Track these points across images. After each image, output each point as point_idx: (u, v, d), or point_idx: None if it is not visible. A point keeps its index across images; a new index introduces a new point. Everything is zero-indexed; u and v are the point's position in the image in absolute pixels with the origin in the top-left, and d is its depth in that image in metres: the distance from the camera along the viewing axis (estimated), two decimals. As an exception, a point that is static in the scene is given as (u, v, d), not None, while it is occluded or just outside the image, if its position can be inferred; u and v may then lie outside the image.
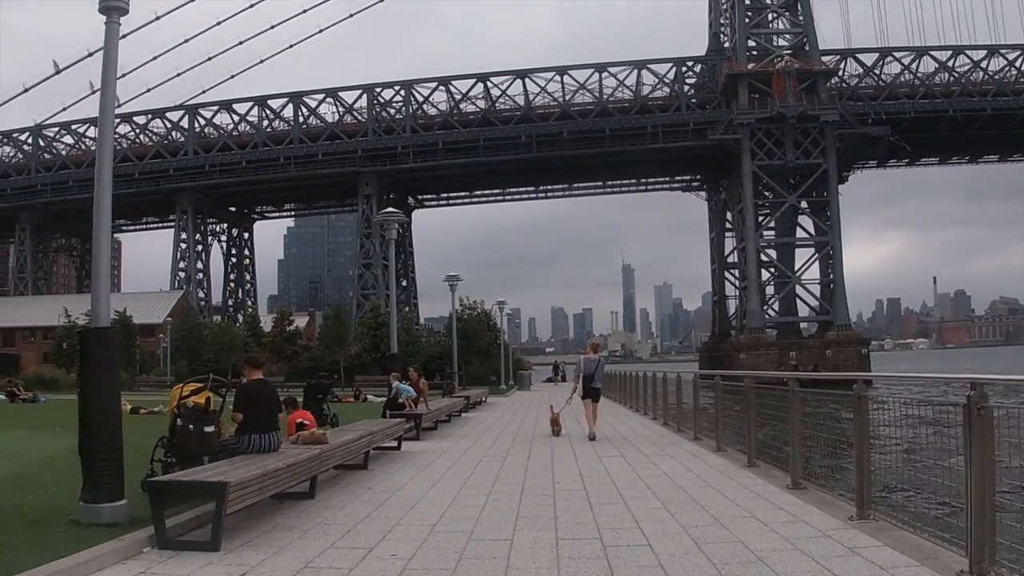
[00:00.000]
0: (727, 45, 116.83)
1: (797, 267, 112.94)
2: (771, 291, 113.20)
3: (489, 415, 31.30)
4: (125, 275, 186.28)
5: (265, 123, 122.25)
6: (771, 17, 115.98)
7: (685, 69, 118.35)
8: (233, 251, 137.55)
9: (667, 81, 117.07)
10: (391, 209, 26.16)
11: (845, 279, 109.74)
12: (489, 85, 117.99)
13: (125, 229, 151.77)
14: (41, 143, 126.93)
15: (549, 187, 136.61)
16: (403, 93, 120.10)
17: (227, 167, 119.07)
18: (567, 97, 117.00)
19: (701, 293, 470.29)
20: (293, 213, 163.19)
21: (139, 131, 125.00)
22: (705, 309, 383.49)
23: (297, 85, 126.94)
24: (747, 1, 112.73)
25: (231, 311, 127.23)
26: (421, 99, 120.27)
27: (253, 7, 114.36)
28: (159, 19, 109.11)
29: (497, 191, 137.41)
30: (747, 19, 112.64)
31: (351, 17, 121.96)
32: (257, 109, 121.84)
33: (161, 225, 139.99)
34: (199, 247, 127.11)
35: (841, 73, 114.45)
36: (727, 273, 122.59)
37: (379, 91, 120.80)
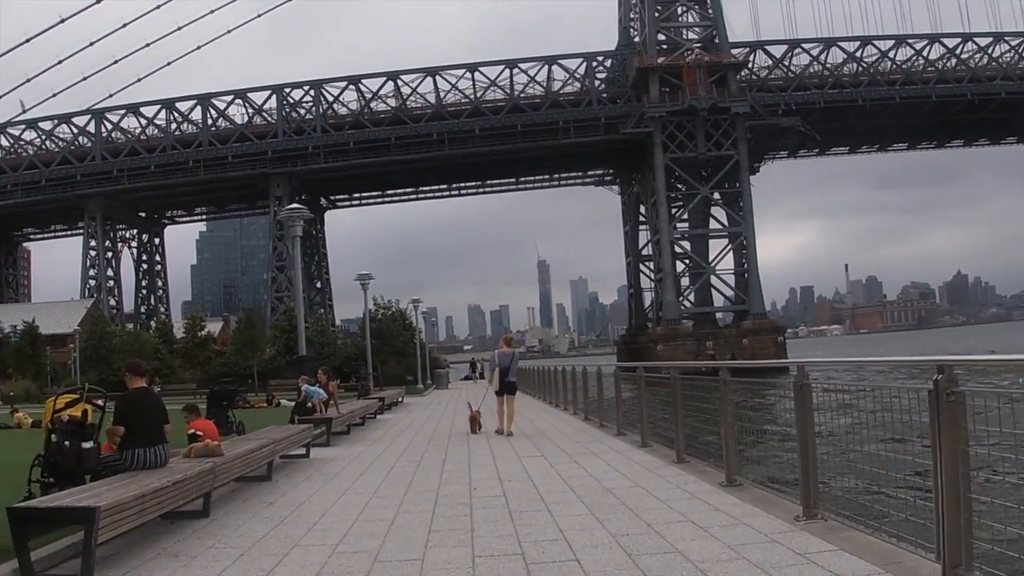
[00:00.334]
0: (637, 39, 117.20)
1: (711, 258, 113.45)
2: (686, 282, 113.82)
3: (405, 416, 30.27)
4: (35, 285, 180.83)
5: (173, 126, 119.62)
6: (680, 11, 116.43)
7: (596, 64, 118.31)
8: (144, 257, 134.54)
9: (578, 76, 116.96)
10: (295, 205, 24.97)
11: (759, 268, 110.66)
12: (400, 83, 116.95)
13: (33, 237, 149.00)
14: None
15: (462, 184, 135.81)
16: (313, 93, 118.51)
17: (135, 172, 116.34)
18: (478, 94, 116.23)
19: (617, 287, 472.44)
20: (204, 217, 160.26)
21: (45, 137, 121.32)
22: (621, 302, 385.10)
23: (206, 87, 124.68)
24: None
25: (144, 318, 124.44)
26: (331, 99, 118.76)
27: (160, 8, 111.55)
28: (64, 22, 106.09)
29: (410, 190, 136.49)
30: (656, 13, 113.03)
31: (259, 17, 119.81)
32: (165, 112, 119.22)
33: (70, 233, 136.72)
34: (109, 254, 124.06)
35: (751, 65, 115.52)
36: (642, 266, 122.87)
37: (288, 92, 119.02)
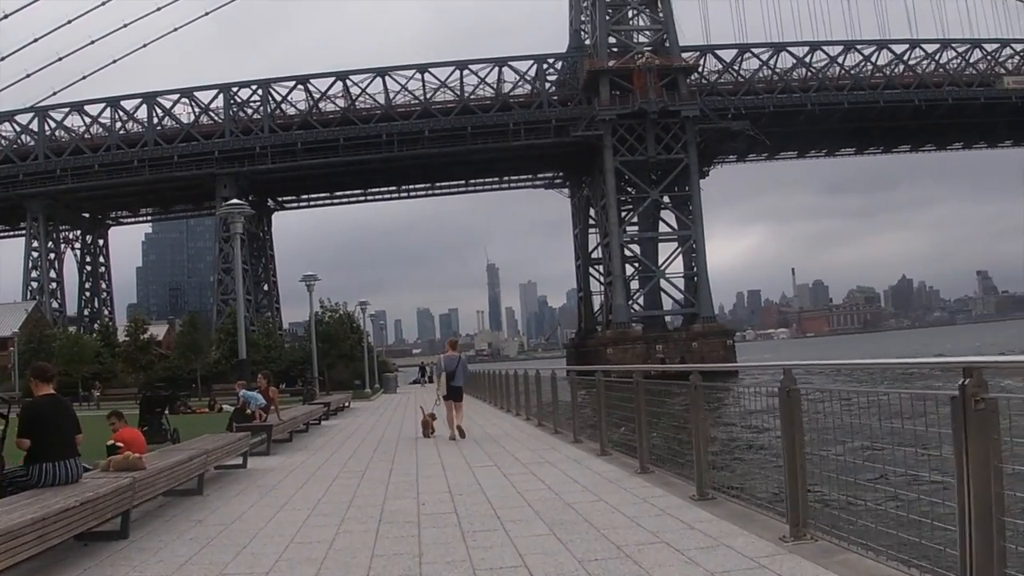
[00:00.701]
0: (588, 42, 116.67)
1: (661, 261, 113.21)
2: (636, 285, 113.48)
3: (352, 421, 29.33)
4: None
5: (118, 125, 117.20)
6: (631, 14, 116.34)
7: (546, 66, 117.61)
8: (88, 259, 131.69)
9: (528, 78, 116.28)
10: (235, 201, 23.92)
11: (708, 272, 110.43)
12: (349, 84, 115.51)
13: None
14: None
15: (411, 186, 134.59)
16: (261, 93, 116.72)
17: (79, 171, 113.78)
18: (428, 95, 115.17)
19: (566, 290, 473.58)
20: (149, 218, 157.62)
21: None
22: (570, 306, 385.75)
23: (152, 86, 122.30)
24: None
25: (87, 321, 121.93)
26: (279, 99, 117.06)
27: (105, 5, 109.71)
28: (6, 17, 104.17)
29: (359, 191, 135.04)
30: (607, 16, 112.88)
31: (206, 15, 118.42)
32: (110, 110, 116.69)
33: (11, 233, 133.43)
34: (52, 255, 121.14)
35: (701, 69, 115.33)
36: (592, 269, 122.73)
37: (236, 91, 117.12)
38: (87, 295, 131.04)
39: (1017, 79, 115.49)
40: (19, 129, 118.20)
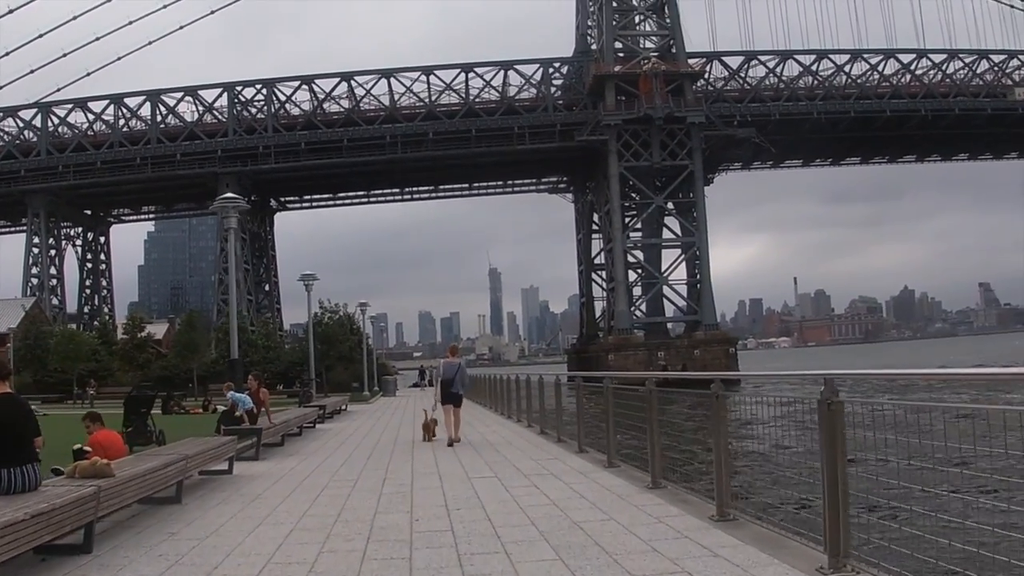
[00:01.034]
0: (594, 47, 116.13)
1: (664, 268, 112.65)
2: (638, 292, 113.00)
3: (347, 425, 28.51)
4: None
5: (121, 122, 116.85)
6: (638, 19, 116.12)
7: (552, 70, 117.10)
8: (89, 256, 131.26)
9: (534, 82, 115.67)
10: (230, 195, 23.12)
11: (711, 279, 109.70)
12: (353, 84, 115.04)
13: None
14: None
15: (415, 189, 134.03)
16: (265, 92, 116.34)
17: (82, 168, 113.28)
18: (433, 97, 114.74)
19: (568, 295, 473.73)
20: (151, 216, 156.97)
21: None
22: (572, 311, 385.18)
23: (156, 84, 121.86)
24: (615, 3, 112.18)
25: (87, 318, 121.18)
26: (283, 98, 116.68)
27: (110, 1, 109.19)
28: (11, 12, 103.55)
29: (362, 193, 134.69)
30: (615, 21, 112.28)
31: (212, 15, 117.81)
32: (113, 108, 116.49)
33: (12, 229, 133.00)
34: (52, 252, 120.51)
35: (707, 76, 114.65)
36: (594, 275, 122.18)
37: (240, 90, 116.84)
38: (87, 292, 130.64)
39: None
40: (22, 125, 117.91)
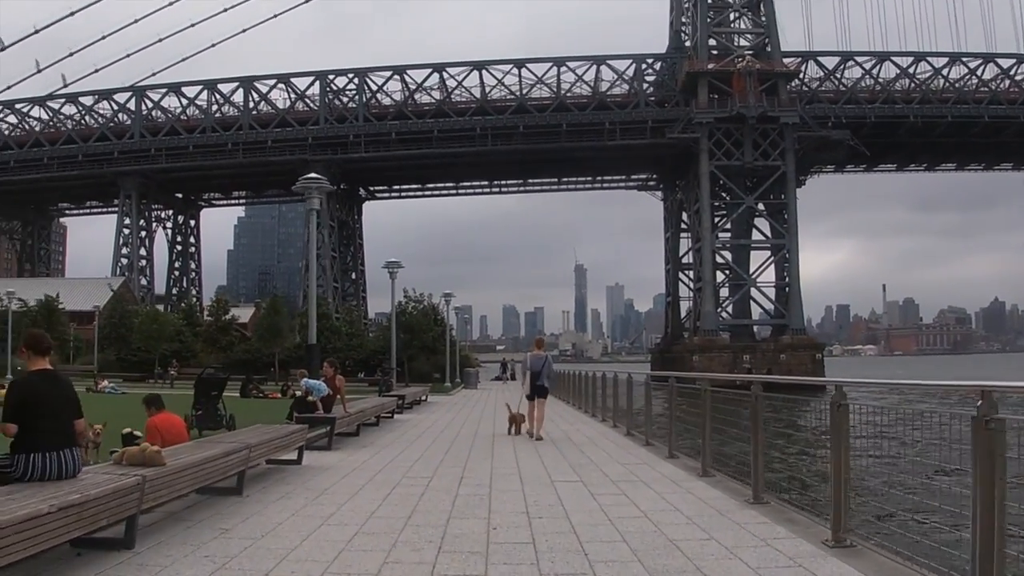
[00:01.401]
0: (688, 43, 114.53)
1: (752, 270, 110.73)
2: (725, 293, 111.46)
3: (426, 417, 27.80)
4: (71, 261, 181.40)
5: (214, 108, 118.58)
6: (733, 17, 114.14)
7: (645, 66, 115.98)
8: (178, 239, 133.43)
9: (626, 78, 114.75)
10: (313, 175, 22.55)
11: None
12: (445, 76, 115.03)
13: (68, 213, 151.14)
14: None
15: (503, 182, 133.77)
16: (357, 81, 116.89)
17: (174, 151, 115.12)
18: (524, 91, 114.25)
19: (652, 295, 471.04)
20: (240, 201, 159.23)
21: (85, 112, 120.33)
22: (656, 311, 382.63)
23: (249, 72, 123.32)
24: (709, 0, 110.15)
25: (175, 300, 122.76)
26: (375, 88, 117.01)
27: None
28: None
29: (450, 184, 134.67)
30: (709, 18, 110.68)
31: (307, 2, 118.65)
32: (207, 93, 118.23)
33: (105, 210, 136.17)
34: (143, 233, 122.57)
35: (802, 76, 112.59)
36: (681, 274, 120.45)
37: (332, 78, 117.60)
38: (176, 275, 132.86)
39: None
40: (116, 107, 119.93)
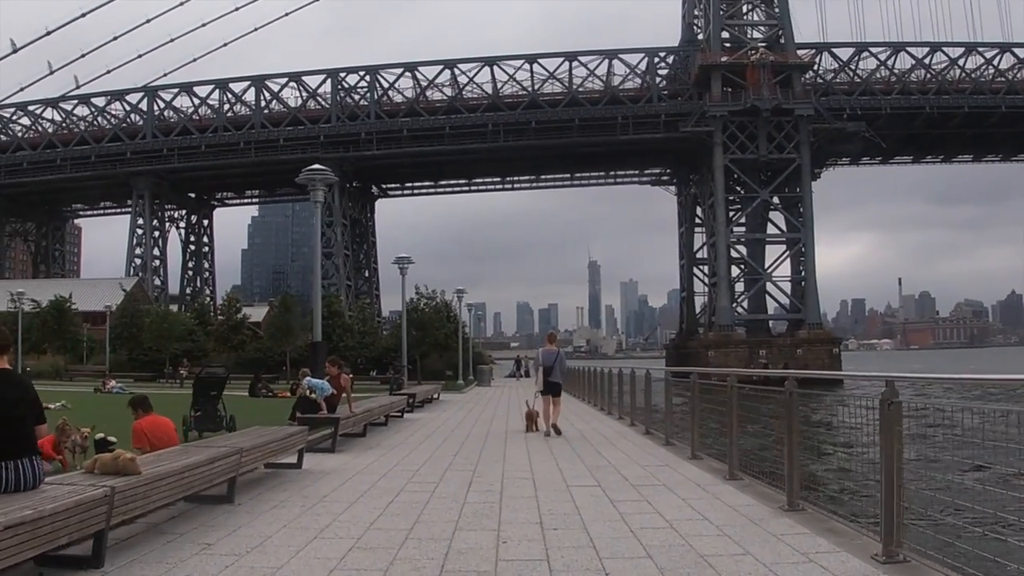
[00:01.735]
0: (700, 36, 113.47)
1: (767, 264, 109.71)
2: (740, 288, 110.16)
3: (437, 416, 27.02)
4: (85, 262, 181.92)
5: (226, 107, 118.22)
6: (746, 9, 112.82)
7: (657, 60, 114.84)
8: (192, 238, 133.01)
9: (639, 72, 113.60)
10: (317, 166, 21.90)
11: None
12: (456, 72, 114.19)
13: (82, 214, 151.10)
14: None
15: (516, 178, 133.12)
16: (368, 79, 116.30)
17: (186, 151, 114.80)
18: (536, 86, 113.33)
19: (667, 290, 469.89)
20: (254, 201, 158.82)
21: (97, 113, 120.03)
22: (670, 307, 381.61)
23: (260, 70, 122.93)
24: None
25: (189, 300, 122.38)
26: (386, 85, 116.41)
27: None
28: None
29: (463, 181, 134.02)
30: (722, 10, 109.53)
31: (316, 1, 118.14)
32: (218, 92, 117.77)
33: (118, 211, 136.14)
34: (156, 233, 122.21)
35: (816, 67, 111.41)
36: (696, 269, 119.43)
37: (343, 76, 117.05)
38: (190, 274, 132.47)
39: None
40: (129, 108, 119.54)
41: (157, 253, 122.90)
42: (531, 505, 9.72)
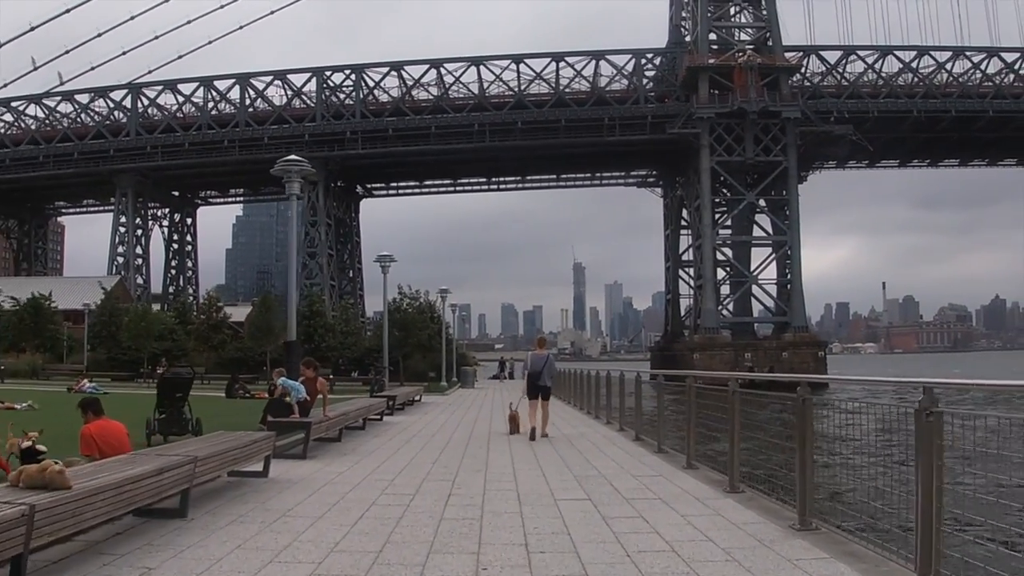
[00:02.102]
0: (688, 38, 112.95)
1: (753, 267, 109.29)
2: (726, 291, 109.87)
3: (418, 419, 26.16)
4: (69, 260, 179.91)
5: (210, 105, 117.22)
6: (734, 11, 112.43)
7: (644, 61, 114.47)
8: (175, 237, 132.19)
9: (626, 73, 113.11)
10: (293, 157, 21.06)
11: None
12: (443, 72, 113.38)
13: (65, 212, 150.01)
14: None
15: (502, 179, 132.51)
16: (354, 77, 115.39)
17: (170, 149, 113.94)
18: (523, 87, 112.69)
19: (651, 293, 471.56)
20: (237, 199, 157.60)
21: (80, 110, 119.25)
22: (655, 309, 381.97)
23: (246, 68, 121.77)
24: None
25: (171, 299, 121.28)
26: (372, 84, 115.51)
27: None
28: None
29: (448, 181, 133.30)
30: (709, 12, 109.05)
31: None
32: (203, 90, 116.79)
33: (101, 208, 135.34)
34: (139, 231, 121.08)
35: (804, 70, 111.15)
36: (681, 272, 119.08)
37: (329, 75, 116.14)
38: (173, 273, 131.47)
39: None
40: (113, 105, 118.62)
41: (140, 252, 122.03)
42: (515, 522, 8.83)
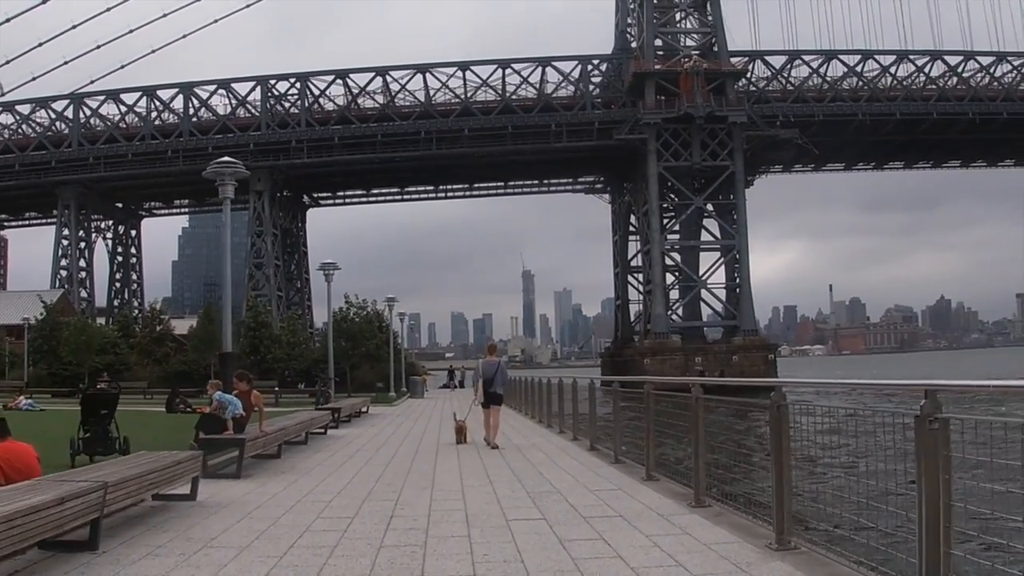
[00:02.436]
0: (634, 44, 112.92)
1: (702, 271, 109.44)
2: (675, 295, 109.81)
3: (364, 431, 25.25)
4: (12, 274, 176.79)
5: (154, 115, 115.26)
6: (679, 17, 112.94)
7: (591, 67, 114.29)
8: (119, 249, 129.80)
9: (572, 79, 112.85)
10: (227, 158, 20.14)
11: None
12: (388, 79, 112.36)
13: (7, 225, 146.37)
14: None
15: (449, 187, 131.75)
16: (299, 86, 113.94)
17: (113, 160, 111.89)
18: (469, 94, 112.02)
19: (600, 299, 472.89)
20: (183, 211, 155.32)
21: (21, 121, 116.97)
22: (604, 315, 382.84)
23: (189, 77, 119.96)
24: (655, 0, 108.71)
25: (116, 312, 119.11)
26: (317, 92, 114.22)
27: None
28: (45, 2, 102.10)
29: (395, 190, 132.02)
30: (655, 18, 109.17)
31: (247, 8, 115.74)
32: (146, 100, 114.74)
33: (44, 221, 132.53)
34: (82, 244, 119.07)
35: (749, 75, 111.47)
36: (630, 277, 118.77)
37: (273, 83, 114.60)
38: (117, 286, 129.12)
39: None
40: (54, 116, 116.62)
41: (84, 265, 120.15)
42: (462, 548, 7.98)
